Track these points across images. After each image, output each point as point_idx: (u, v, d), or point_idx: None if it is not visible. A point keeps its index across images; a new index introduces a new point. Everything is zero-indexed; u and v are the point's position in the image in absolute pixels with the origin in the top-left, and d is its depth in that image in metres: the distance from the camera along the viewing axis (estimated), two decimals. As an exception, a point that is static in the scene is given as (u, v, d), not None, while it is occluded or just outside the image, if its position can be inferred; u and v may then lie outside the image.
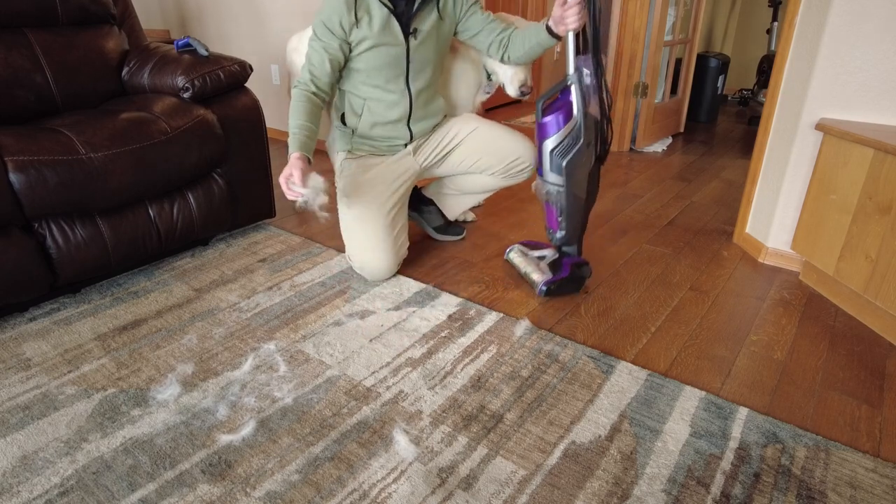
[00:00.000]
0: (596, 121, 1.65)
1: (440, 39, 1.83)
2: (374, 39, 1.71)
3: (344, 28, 1.67)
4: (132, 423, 1.27)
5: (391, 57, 1.75)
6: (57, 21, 1.99)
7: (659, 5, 3.18)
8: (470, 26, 1.86)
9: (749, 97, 4.81)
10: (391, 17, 1.71)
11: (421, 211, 2.19)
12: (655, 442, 1.22)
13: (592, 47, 1.58)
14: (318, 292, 1.82)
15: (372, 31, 1.70)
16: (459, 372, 1.45)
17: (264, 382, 1.40)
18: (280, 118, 3.62)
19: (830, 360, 1.51)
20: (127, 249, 1.80)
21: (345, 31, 1.68)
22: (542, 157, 1.68)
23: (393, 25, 1.72)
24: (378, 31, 1.70)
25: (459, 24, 1.86)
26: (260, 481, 1.13)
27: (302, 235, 2.25)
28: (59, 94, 1.94)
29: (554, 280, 1.77)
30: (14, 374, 1.43)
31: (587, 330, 1.64)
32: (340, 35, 1.69)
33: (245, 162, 2.12)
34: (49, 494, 1.10)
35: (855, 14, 1.66)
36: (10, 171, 1.51)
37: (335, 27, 1.67)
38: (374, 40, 1.71)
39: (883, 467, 1.17)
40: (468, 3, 1.83)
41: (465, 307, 1.74)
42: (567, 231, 1.77)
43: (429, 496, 1.09)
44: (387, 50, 1.74)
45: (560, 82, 1.63)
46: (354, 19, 1.67)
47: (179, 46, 2.08)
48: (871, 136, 1.56)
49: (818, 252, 1.79)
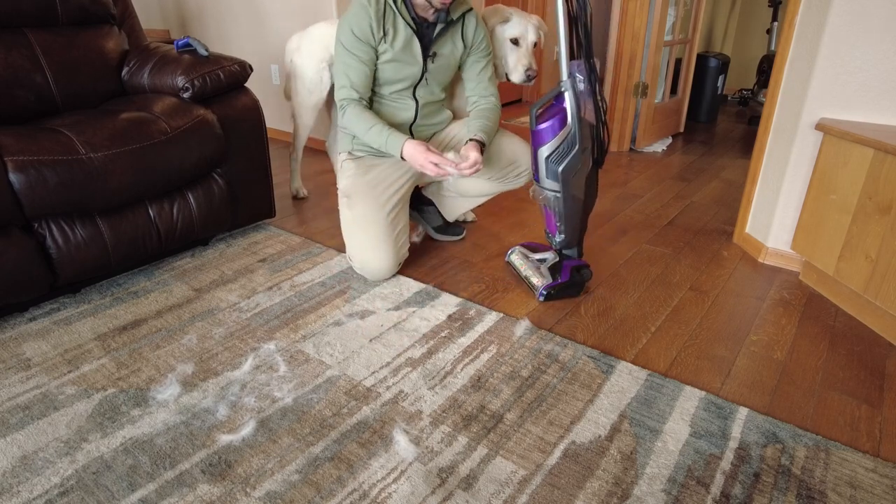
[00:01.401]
0: (591, 126, 1.65)
1: (456, 64, 1.89)
2: (394, 55, 1.75)
3: (374, 35, 1.70)
4: (132, 423, 1.27)
5: (406, 74, 1.80)
6: (57, 21, 1.99)
7: (659, 5, 3.18)
8: (468, 68, 1.91)
9: (749, 97, 4.81)
10: (414, 37, 1.75)
11: (421, 211, 2.19)
12: (655, 442, 1.22)
13: (585, 52, 1.58)
14: (318, 292, 1.82)
15: (394, 48, 1.74)
16: (459, 372, 1.45)
17: (264, 382, 1.40)
18: (280, 118, 3.62)
19: (830, 360, 1.51)
20: (127, 249, 1.80)
21: (374, 38, 1.71)
22: (538, 164, 1.68)
23: (414, 46, 1.76)
24: (400, 49, 1.74)
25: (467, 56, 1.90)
26: (260, 481, 1.13)
27: (302, 235, 2.25)
28: (59, 94, 1.94)
29: (554, 285, 1.77)
30: (14, 374, 1.43)
31: (587, 330, 1.64)
32: (371, 42, 1.72)
33: (245, 162, 2.12)
34: (49, 494, 1.10)
35: (855, 14, 1.66)
36: (10, 171, 1.51)
37: (366, 34, 1.70)
38: (393, 55, 1.75)
39: (883, 467, 1.17)
40: (483, 49, 1.88)
41: (465, 307, 1.74)
42: (566, 235, 1.77)
43: (429, 496, 1.09)
44: (403, 67, 1.78)
45: (554, 88, 1.63)
46: (382, 32, 1.71)
47: (179, 46, 2.08)
48: (871, 136, 1.56)
49: (818, 252, 1.79)
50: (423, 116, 1.92)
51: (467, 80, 1.93)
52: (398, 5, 1.70)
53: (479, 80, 1.91)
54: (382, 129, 1.73)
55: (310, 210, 2.52)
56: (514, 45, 1.96)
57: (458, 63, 1.90)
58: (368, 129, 1.74)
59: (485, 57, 1.89)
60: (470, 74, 1.91)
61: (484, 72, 1.90)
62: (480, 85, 1.91)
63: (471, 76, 1.92)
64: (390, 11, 1.70)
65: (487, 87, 1.92)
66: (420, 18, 1.75)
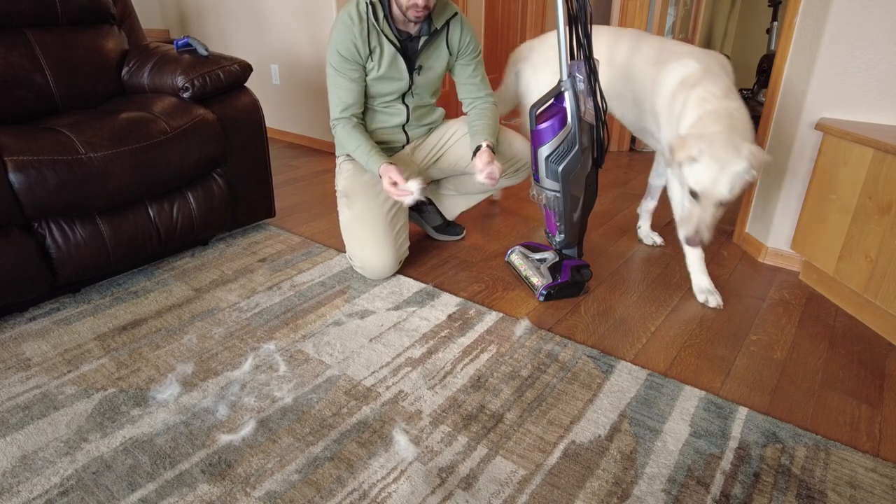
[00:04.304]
0: (591, 126, 1.64)
1: (443, 72, 1.90)
2: (380, 73, 1.77)
3: (360, 54, 1.73)
4: (132, 423, 1.27)
5: (393, 88, 1.83)
6: (56, 21, 1.99)
7: (659, 5, 3.18)
8: (458, 73, 1.92)
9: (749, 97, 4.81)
10: (397, 55, 1.76)
11: (420, 211, 2.19)
12: (655, 442, 1.22)
13: (585, 52, 1.58)
14: (318, 292, 1.82)
15: (381, 66, 1.76)
16: (459, 372, 1.45)
17: (264, 382, 1.40)
18: (280, 118, 3.62)
19: (830, 360, 1.51)
20: (127, 249, 1.80)
21: (361, 56, 1.73)
22: (538, 164, 1.68)
23: (399, 63, 1.78)
24: (385, 67, 1.76)
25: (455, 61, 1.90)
26: (260, 481, 1.13)
27: (302, 235, 2.25)
28: (58, 94, 1.94)
29: (554, 285, 1.77)
30: (14, 374, 1.43)
31: (587, 330, 1.64)
32: (358, 60, 1.74)
33: (245, 162, 2.12)
34: (49, 494, 1.10)
35: (855, 14, 1.66)
36: (9, 171, 1.51)
37: (353, 54, 1.72)
38: (379, 73, 1.77)
39: (883, 467, 1.17)
40: (470, 52, 1.88)
41: (464, 307, 1.74)
42: (566, 235, 1.77)
43: (429, 496, 1.09)
44: (391, 83, 1.81)
45: (553, 89, 1.62)
46: (368, 51, 1.73)
47: (179, 46, 2.08)
48: (871, 136, 1.56)
49: (818, 252, 1.79)
50: (415, 118, 1.94)
51: (459, 84, 1.94)
52: (380, 23, 1.71)
53: (471, 82, 1.91)
54: (365, 152, 1.77)
55: (310, 210, 2.52)
56: (692, 196, 1.53)
57: (446, 69, 1.91)
58: (355, 148, 1.79)
59: (474, 59, 1.89)
60: (461, 78, 1.92)
61: (475, 73, 1.90)
62: (474, 86, 1.92)
63: (462, 80, 1.92)
64: (374, 30, 1.71)
65: (481, 87, 1.92)
66: (403, 33, 1.76)
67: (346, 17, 1.69)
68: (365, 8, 1.69)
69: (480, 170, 1.71)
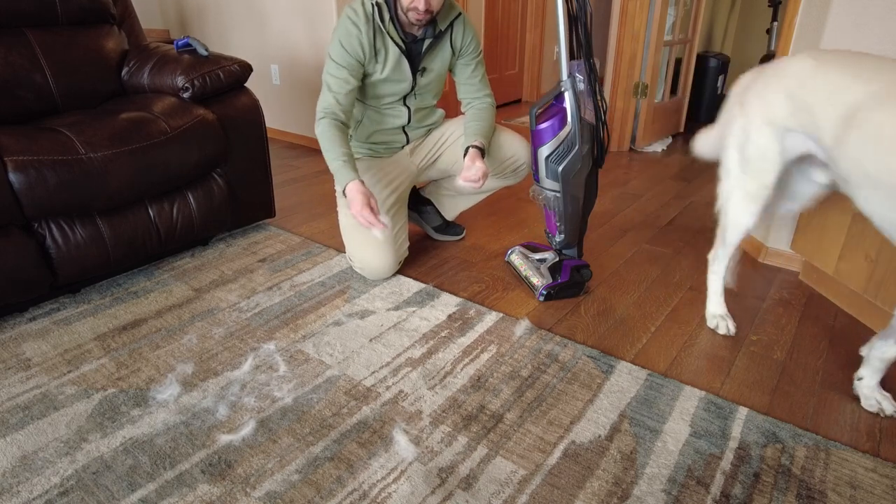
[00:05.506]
0: (591, 126, 1.65)
1: (445, 73, 1.90)
2: (385, 75, 1.76)
3: (364, 53, 1.71)
4: (132, 423, 1.27)
5: (396, 90, 1.82)
6: (56, 21, 1.99)
7: (659, 5, 3.18)
8: (458, 72, 1.91)
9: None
10: (402, 57, 1.75)
11: (420, 211, 2.19)
12: (655, 442, 1.22)
13: (585, 52, 1.58)
14: (318, 292, 1.82)
15: (386, 68, 1.75)
16: (459, 372, 1.45)
17: (264, 382, 1.40)
18: (280, 118, 3.62)
19: (830, 360, 1.51)
20: (127, 249, 1.80)
21: (364, 56, 1.71)
22: (538, 164, 1.68)
23: (403, 65, 1.77)
24: (390, 70, 1.75)
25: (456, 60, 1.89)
26: (260, 481, 1.13)
27: (302, 235, 2.25)
28: (58, 94, 1.94)
29: (553, 285, 1.77)
30: (14, 374, 1.43)
31: (587, 330, 1.64)
32: (360, 60, 1.72)
33: (245, 162, 2.12)
34: (49, 494, 1.10)
35: (854, 14, 1.66)
36: (9, 171, 1.51)
37: (357, 53, 1.70)
38: (383, 75, 1.76)
39: (883, 467, 1.17)
40: (471, 52, 1.87)
41: (464, 307, 1.74)
42: (566, 235, 1.77)
43: (429, 496, 1.09)
44: (394, 84, 1.80)
45: (553, 89, 1.62)
46: (373, 52, 1.71)
47: (179, 46, 2.08)
48: (871, 136, 1.56)
49: (818, 252, 1.79)
50: (417, 120, 1.94)
51: (459, 84, 1.93)
52: (386, 26, 1.70)
53: (471, 81, 1.91)
54: (338, 157, 1.67)
55: (310, 210, 2.52)
56: None
57: (448, 69, 1.90)
58: (328, 150, 1.69)
59: (475, 59, 1.89)
60: (461, 78, 1.91)
61: (475, 73, 1.90)
62: (473, 86, 1.91)
63: (462, 79, 1.92)
64: (379, 32, 1.70)
65: (480, 87, 1.92)
66: (409, 35, 1.75)
67: (352, 13, 1.68)
68: (371, 9, 1.69)
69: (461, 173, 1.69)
